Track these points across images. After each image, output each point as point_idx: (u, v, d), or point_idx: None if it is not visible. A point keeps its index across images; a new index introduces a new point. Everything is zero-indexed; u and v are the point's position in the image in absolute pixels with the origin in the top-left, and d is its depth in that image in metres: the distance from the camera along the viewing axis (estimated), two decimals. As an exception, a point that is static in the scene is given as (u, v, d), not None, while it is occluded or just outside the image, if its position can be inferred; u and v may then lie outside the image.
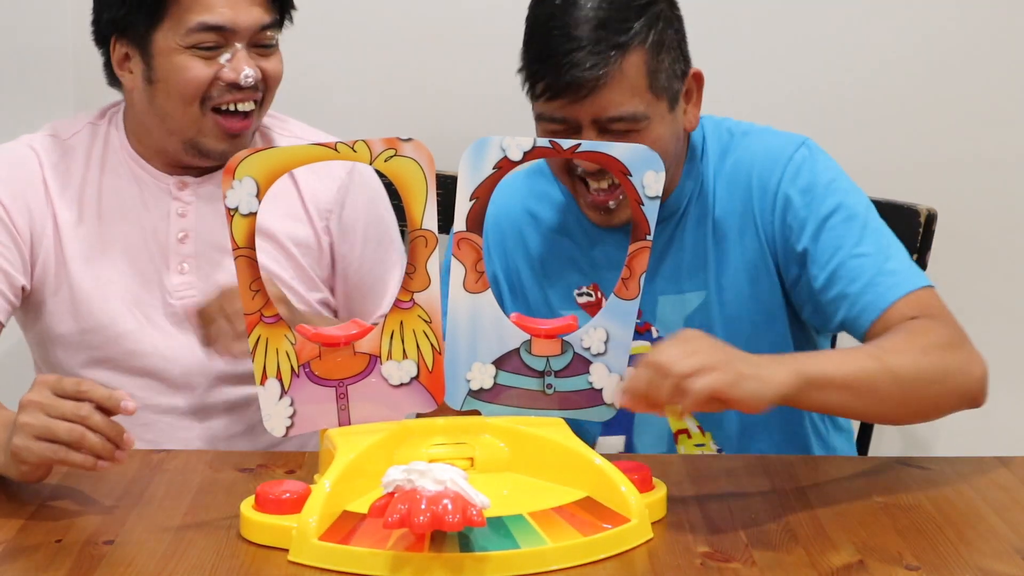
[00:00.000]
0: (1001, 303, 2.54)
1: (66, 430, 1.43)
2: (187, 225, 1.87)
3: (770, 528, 1.46)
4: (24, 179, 1.84)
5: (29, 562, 1.35)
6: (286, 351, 1.48)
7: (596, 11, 1.68)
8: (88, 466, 1.44)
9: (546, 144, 1.50)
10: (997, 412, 2.58)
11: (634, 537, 1.39)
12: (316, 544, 1.33)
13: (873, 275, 1.69)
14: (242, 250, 1.45)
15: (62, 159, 1.86)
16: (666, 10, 1.74)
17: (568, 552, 1.34)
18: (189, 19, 1.78)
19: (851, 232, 1.73)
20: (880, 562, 1.37)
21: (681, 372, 1.41)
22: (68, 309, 1.84)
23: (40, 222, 1.83)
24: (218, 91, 1.80)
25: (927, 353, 1.58)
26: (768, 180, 1.77)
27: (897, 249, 1.74)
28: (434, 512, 1.27)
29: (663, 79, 1.71)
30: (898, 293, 1.67)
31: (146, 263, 1.86)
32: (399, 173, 1.47)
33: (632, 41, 1.68)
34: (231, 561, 1.35)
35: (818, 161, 1.79)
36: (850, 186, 1.78)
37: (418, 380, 1.51)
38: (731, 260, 1.79)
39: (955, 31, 2.47)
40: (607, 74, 1.66)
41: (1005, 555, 1.40)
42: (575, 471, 1.46)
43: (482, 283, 1.52)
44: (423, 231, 1.49)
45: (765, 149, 1.80)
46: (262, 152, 1.45)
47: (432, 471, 1.30)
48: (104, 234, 1.85)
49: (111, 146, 1.88)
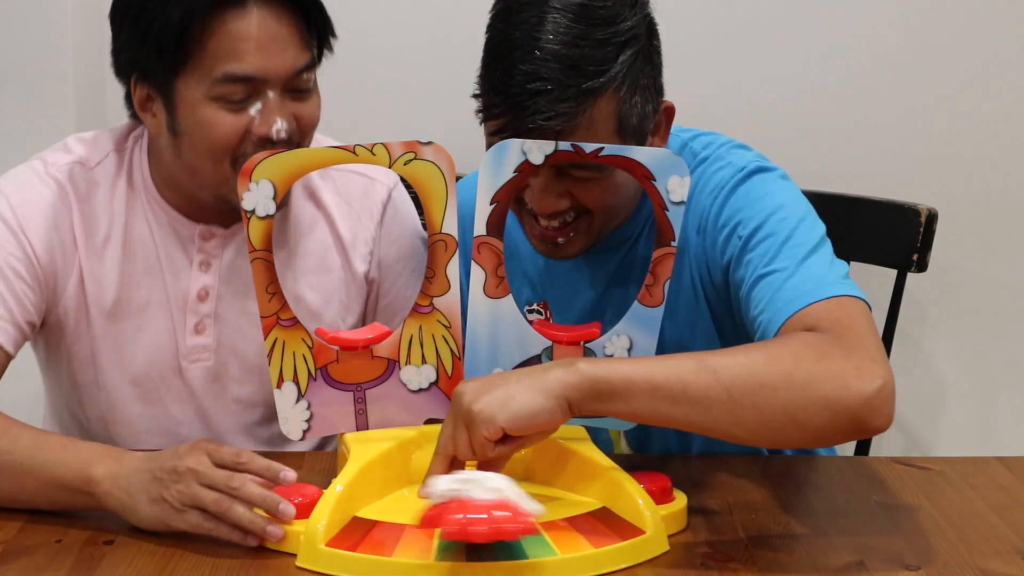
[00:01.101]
0: (1001, 303, 2.54)
1: (214, 500, 1.37)
2: (208, 281, 1.72)
3: (770, 528, 1.46)
4: (54, 221, 1.68)
5: (29, 562, 1.35)
6: (303, 354, 1.48)
7: (567, 47, 1.48)
8: (236, 539, 1.38)
9: (568, 148, 1.45)
10: (997, 412, 2.59)
11: (648, 550, 1.37)
12: (323, 550, 1.33)
13: (774, 293, 1.48)
14: (258, 252, 1.45)
15: (88, 197, 1.70)
16: (646, 44, 1.55)
17: (576, 564, 1.32)
18: (215, 68, 1.57)
19: (769, 249, 1.52)
20: (880, 562, 1.37)
21: (445, 453, 1.37)
22: (89, 360, 1.73)
23: (65, 268, 1.69)
24: (249, 147, 1.59)
25: (775, 359, 1.37)
26: (700, 215, 1.62)
27: (819, 260, 1.50)
28: (494, 521, 1.26)
29: (633, 122, 1.54)
30: (796, 307, 1.45)
31: (162, 321, 1.72)
32: (418, 176, 1.47)
33: (606, 88, 1.50)
34: (231, 562, 1.35)
35: (751, 182, 1.60)
36: (784, 197, 1.58)
37: (437, 386, 1.51)
38: (677, 283, 1.64)
39: (955, 31, 2.47)
40: (573, 124, 1.49)
41: (1005, 555, 1.40)
42: (593, 481, 1.45)
43: (503, 288, 1.50)
44: (443, 235, 1.48)
45: (706, 182, 1.62)
46: (279, 155, 1.45)
47: (483, 480, 1.30)
48: (124, 287, 1.71)
49: (135, 183, 1.72)
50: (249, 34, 1.57)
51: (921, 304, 2.53)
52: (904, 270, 2.17)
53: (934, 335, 2.56)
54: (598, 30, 1.50)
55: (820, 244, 1.53)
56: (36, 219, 1.66)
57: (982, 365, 2.57)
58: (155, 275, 1.71)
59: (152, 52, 1.58)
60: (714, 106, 2.46)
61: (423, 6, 2.45)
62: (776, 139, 2.48)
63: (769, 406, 1.35)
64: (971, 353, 2.56)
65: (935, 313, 2.55)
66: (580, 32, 1.50)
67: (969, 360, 2.56)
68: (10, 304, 1.63)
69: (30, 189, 1.68)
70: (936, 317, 2.55)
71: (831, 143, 2.50)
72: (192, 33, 1.56)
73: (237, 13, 1.57)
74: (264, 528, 1.37)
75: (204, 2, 1.56)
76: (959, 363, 2.57)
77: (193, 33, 1.56)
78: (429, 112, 2.41)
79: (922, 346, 2.56)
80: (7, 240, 1.65)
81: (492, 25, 1.55)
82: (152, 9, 1.57)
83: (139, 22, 1.58)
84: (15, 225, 1.65)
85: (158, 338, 1.72)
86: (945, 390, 2.57)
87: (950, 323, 2.55)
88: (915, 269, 2.15)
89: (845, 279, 1.49)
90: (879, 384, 1.36)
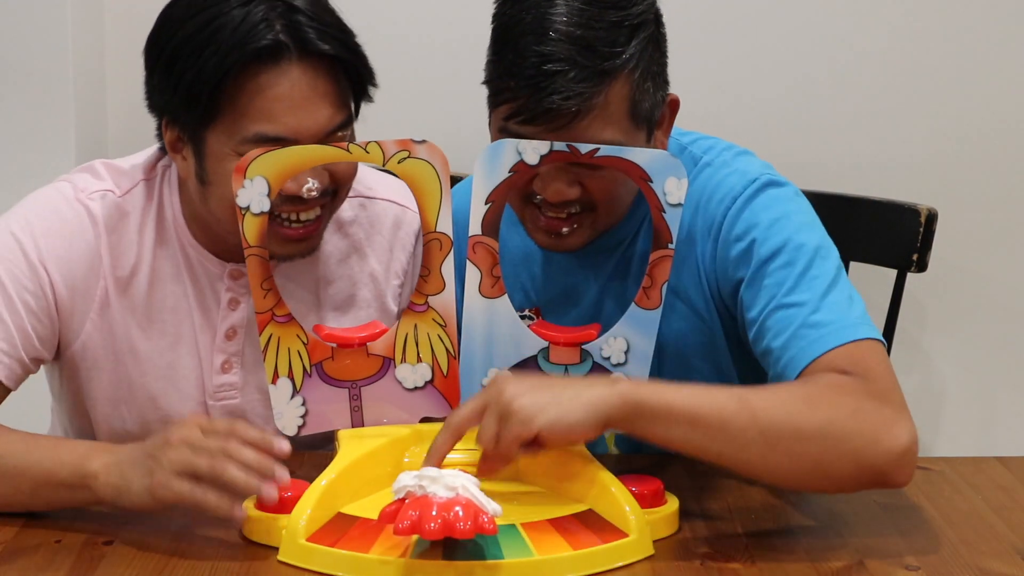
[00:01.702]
0: (1001, 303, 2.54)
1: (207, 464, 1.34)
2: (237, 319, 1.68)
3: (770, 528, 1.46)
4: (79, 253, 1.62)
5: (29, 562, 1.35)
6: (298, 350, 1.48)
7: (581, 29, 1.48)
8: (224, 510, 1.34)
9: (563, 148, 1.45)
10: (997, 412, 2.60)
11: (630, 553, 1.35)
12: (303, 544, 1.33)
13: (797, 328, 1.48)
14: (253, 249, 1.45)
15: (117, 228, 1.64)
16: (655, 31, 1.55)
17: (553, 565, 1.31)
18: (246, 127, 1.52)
19: (787, 278, 1.52)
20: (880, 562, 1.37)
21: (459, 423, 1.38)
22: (107, 397, 1.69)
23: (86, 302, 1.63)
24: (277, 203, 1.50)
25: (812, 406, 1.38)
26: (711, 222, 1.60)
27: (838, 295, 1.51)
28: (445, 519, 1.26)
29: (645, 108, 1.53)
30: (822, 348, 1.45)
31: (189, 359, 1.69)
32: (413, 175, 1.46)
33: (622, 68, 1.49)
34: (231, 561, 1.35)
35: (765, 198, 1.58)
36: (800, 222, 1.57)
37: (433, 384, 1.51)
38: (675, 287, 1.63)
39: (955, 31, 2.47)
40: (591, 104, 1.48)
41: (1005, 555, 1.40)
42: (580, 482, 1.44)
43: (498, 288, 1.50)
44: (437, 234, 1.48)
45: (715, 187, 1.61)
46: (273, 152, 1.44)
47: (443, 478, 1.29)
48: (150, 323, 1.67)
49: (164, 218, 1.66)
50: (283, 94, 1.52)
51: (921, 304, 2.53)
52: (904, 270, 2.17)
53: (934, 335, 2.56)
54: (610, 12, 1.50)
55: (838, 276, 1.53)
56: (59, 252, 1.61)
57: (982, 365, 2.57)
58: (183, 313, 1.67)
59: (183, 102, 1.53)
60: (714, 105, 2.47)
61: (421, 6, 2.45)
62: (776, 138, 2.49)
63: (801, 455, 1.37)
64: (971, 353, 2.56)
65: (935, 313, 2.55)
66: (592, 14, 1.49)
67: (969, 360, 2.57)
68: (15, 339, 1.58)
69: (56, 217, 1.62)
70: (936, 317, 2.55)
71: (831, 143, 2.50)
72: (225, 89, 1.51)
73: (272, 70, 1.52)
74: (259, 487, 1.34)
75: (239, 58, 1.50)
76: (959, 363, 2.57)
77: (226, 89, 1.51)
78: (423, 110, 2.41)
79: (922, 346, 2.56)
80: (23, 273, 1.59)
81: (500, 11, 1.54)
82: (185, 59, 1.52)
83: (171, 70, 1.54)
84: (35, 258, 1.60)
85: (185, 376, 1.69)
86: (945, 390, 2.57)
87: (950, 323, 2.55)
88: (915, 269, 2.15)
89: (865, 317, 1.50)
90: (907, 442, 1.39)
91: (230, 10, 1.52)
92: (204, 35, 1.51)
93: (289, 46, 1.52)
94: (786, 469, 1.38)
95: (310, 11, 1.54)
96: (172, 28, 1.55)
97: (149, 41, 1.58)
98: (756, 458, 1.38)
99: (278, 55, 1.51)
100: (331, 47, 1.54)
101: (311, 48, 1.53)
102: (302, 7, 1.54)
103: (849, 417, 1.38)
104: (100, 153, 2.47)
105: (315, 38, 1.53)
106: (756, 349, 1.54)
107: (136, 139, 2.48)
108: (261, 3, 1.52)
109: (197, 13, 1.53)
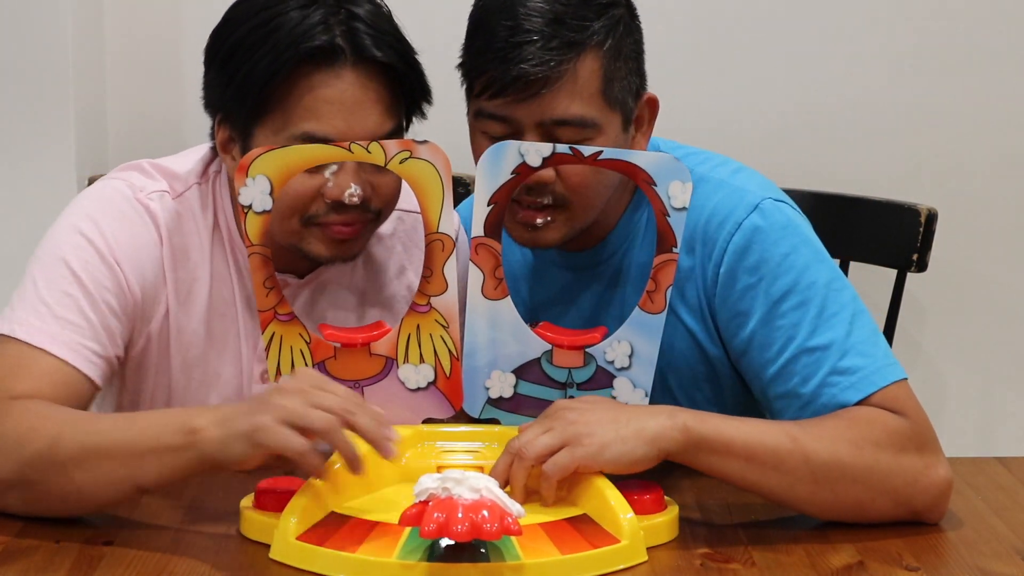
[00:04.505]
0: (1001, 303, 2.54)
1: (321, 419, 1.33)
2: None
3: (770, 528, 1.46)
4: (146, 254, 1.60)
5: (29, 562, 1.35)
6: (300, 349, 1.48)
7: (551, 4, 1.52)
8: (316, 466, 1.34)
9: (566, 150, 1.45)
10: (997, 412, 2.60)
11: (621, 559, 1.34)
12: (292, 543, 1.33)
13: (827, 375, 1.50)
14: (256, 247, 1.46)
15: (177, 231, 1.63)
16: (626, 17, 1.58)
17: (540, 570, 1.30)
18: (294, 126, 1.52)
19: (805, 319, 1.53)
20: (880, 562, 1.37)
21: (534, 455, 1.39)
22: (160, 400, 1.67)
23: (154, 304, 1.62)
24: (321, 207, 1.53)
25: (859, 448, 1.44)
26: (713, 247, 1.59)
27: (861, 332, 1.52)
28: (473, 520, 1.26)
29: (618, 90, 1.55)
30: (855, 396, 1.49)
31: (231, 367, 1.67)
32: (414, 175, 1.46)
33: (589, 41, 1.52)
34: (230, 560, 1.35)
35: (772, 230, 1.57)
36: (809, 256, 1.56)
37: (435, 385, 1.51)
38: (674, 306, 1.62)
39: (955, 31, 2.47)
40: (559, 72, 1.50)
41: (1005, 555, 1.40)
42: (575, 487, 1.43)
43: (501, 289, 1.50)
44: (439, 235, 1.48)
45: (714, 207, 1.59)
46: (276, 150, 1.45)
47: (468, 480, 1.29)
48: (206, 329, 1.66)
49: (219, 223, 1.65)
50: (334, 96, 1.52)
51: (921, 304, 2.53)
52: (904, 270, 2.17)
53: (934, 335, 2.56)
54: None
55: (856, 309, 1.54)
56: (130, 251, 1.59)
57: (982, 365, 2.57)
58: (229, 320, 1.66)
59: (235, 97, 1.54)
60: (714, 107, 2.47)
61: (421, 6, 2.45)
62: (777, 139, 2.49)
63: (845, 494, 1.44)
64: (971, 353, 2.56)
65: (935, 313, 2.55)
66: None
67: (969, 360, 2.57)
68: (102, 338, 1.55)
69: (123, 218, 1.60)
70: (936, 317, 2.55)
71: (831, 143, 2.50)
72: (276, 85, 1.52)
73: (326, 72, 1.52)
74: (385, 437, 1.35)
75: (292, 56, 1.51)
76: (959, 363, 2.57)
77: (277, 85, 1.52)
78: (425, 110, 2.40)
79: (922, 346, 2.56)
80: (101, 273, 1.56)
81: (476, 4, 1.59)
82: (241, 55, 1.53)
83: (227, 65, 1.55)
84: (110, 257, 1.57)
85: (226, 383, 1.68)
86: (944, 390, 2.57)
87: (950, 323, 2.55)
88: (915, 269, 2.15)
89: (889, 355, 1.53)
90: (943, 484, 1.47)
91: (289, 11, 1.53)
92: (261, 33, 1.53)
93: (345, 50, 1.52)
94: (830, 505, 1.45)
95: (370, 19, 1.55)
96: (232, 26, 1.56)
97: (210, 38, 1.60)
98: (804, 495, 1.44)
99: (333, 57, 1.52)
100: (386, 55, 1.54)
101: (366, 54, 1.53)
102: (363, 15, 1.55)
103: (892, 458, 1.45)
104: (100, 155, 2.47)
105: (371, 44, 1.53)
106: (773, 390, 1.55)
107: (136, 140, 2.50)
108: (322, 7, 1.53)
109: (258, 12, 1.54)
